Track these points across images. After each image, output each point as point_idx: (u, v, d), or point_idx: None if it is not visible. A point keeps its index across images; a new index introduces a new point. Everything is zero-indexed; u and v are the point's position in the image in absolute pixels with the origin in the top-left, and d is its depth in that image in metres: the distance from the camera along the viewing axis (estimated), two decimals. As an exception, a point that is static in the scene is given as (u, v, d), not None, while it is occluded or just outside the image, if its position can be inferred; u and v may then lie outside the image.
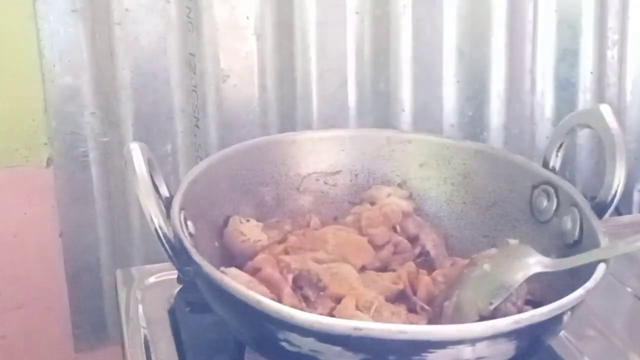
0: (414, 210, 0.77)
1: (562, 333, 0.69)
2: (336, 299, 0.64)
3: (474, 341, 0.53)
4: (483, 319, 0.59)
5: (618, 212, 0.94)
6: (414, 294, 0.67)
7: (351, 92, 0.96)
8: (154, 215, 0.60)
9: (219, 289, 0.57)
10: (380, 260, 0.71)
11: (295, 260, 0.66)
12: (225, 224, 0.72)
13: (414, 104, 0.98)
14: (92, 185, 0.92)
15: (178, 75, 0.91)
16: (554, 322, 0.57)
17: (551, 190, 0.70)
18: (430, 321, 0.64)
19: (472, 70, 0.99)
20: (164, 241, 0.60)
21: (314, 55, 0.93)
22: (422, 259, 0.73)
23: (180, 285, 0.77)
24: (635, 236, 0.59)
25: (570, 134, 0.72)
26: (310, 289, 0.64)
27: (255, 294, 0.55)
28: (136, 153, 0.62)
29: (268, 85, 0.93)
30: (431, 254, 0.73)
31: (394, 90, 0.97)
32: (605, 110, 0.68)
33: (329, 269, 0.66)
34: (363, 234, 0.72)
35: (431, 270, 0.70)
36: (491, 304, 0.60)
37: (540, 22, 1.00)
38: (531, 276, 0.61)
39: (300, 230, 0.73)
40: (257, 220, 0.73)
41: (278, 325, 0.54)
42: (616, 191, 0.66)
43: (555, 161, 0.72)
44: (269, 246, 0.70)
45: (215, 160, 0.73)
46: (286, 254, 0.69)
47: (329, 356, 0.54)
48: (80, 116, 0.90)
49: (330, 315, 0.62)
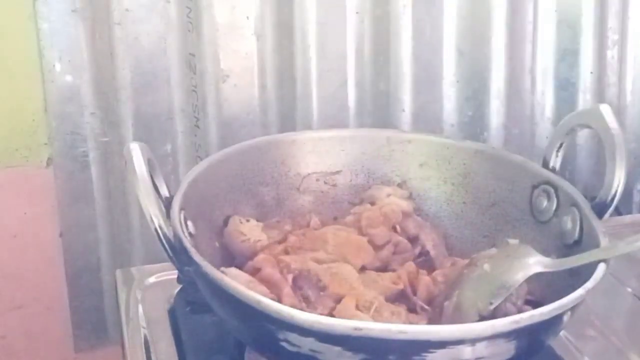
0: (414, 210, 0.77)
1: (562, 333, 0.69)
2: (336, 299, 0.64)
3: (473, 341, 0.53)
4: (483, 319, 0.59)
5: (618, 212, 0.94)
6: (414, 294, 0.67)
7: (351, 92, 0.96)
8: (154, 215, 0.60)
9: (219, 289, 0.57)
10: (380, 260, 0.71)
11: (295, 260, 0.66)
12: (225, 224, 0.72)
13: (414, 104, 0.98)
14: (92, 185, 0.92)
15: (178, 75, 0.91)
16: (554, 322, 0.57)
17: (551, 190, 0.70)
18: (430, 321, 0.64)
19: (472, 70, 0.99)
20: (164, 241, 0.60)
21: (314, 55, 0.93)
22: (422, 259, 0.73)
23: (180, 285, 0.77)
24: (635, 236, 0.59)
25: (570, 134, 0.72)
26: (310, 289, 0.64)
27: (255, 294, 0.55)
28: (136, 153, 0.62)
29: (268, 85, 0.93)
30: (431, 254, 0.73)
31: (394, 90, 0.97)
32: (605, 110, 0.68)
33: (329, 269, 0.66)
34: (363, 234, 0.72)
35: (431, 270, 0.70)
36: (491, 304, 0.60)
37: (540, 22, 0.99)
38: (531, 276, 0.61)
39: (300, 230, 0.73)
40: (257, 220, 0.73)
41: (278, 325, 0.54)
42: (616, 191, 0.66)
43: (555, 161, 0.72)
44: (269, 246, 0.70)
45: (215, 160, 0.73)
46: (286, 254, 0.69)
47: (329, 356, 0.54)
48: (80, 116, 0.90)
49: (330, 315, 0.62)
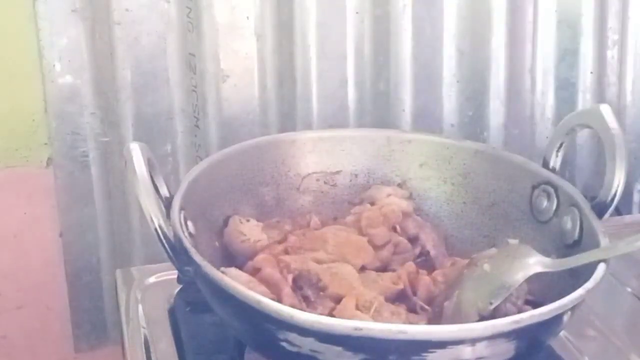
0: (414, 210, 0.77)
1: (562, 333, 0.69)
2: (336, 299, 0.64)
3: (474, 341, 0.53)
4: (483, 319, 0.59)
5: (618, 212, 0.94)
6: (414, 294, 0.67)
7: (351, 92, 0.96)
8: (154, 215, 0.60)
9: (219, 289, 0.57)
10: (380, 260, 0.71)
11: (295, 260, 0.66)
12: (225, 224, 0.72)
13: (414, 104, 0.97)
14: (92, 185, 0.92)
15: (178, 75, 0.91)
16: (554, 322, 0.57)
17: (551, 190, 0.70)
18: (430, 321, 0.64)
19: (472, 70, 0.99)
20: (164, 241, 0.60)
21: (314, 55, 0.93)
22: (422, 259, 0.73)
23: (180, 285, 0.77)
24: (635, 236, 0.59)
25: (570, 134, 0.72)
26: (310, 289, 0.64)
27: (255, 294, 0.55)
28: (136, 153, 0.62)
29: (268, 85, 0.93)
30: (431, 254, 0.73)
31: (394, 90, 0.97)
32: (605, 110, 0.68)
33: (329, 269, 0.66)
34: (363, 234, 0.72)
35: (431, 270, 0.70)
36: (491, 304, 0.60)
37: (540, 22, 0.99)
38: (531, 276, 0.61)
39: (300, 230, 0.73)
40: (257, 220, 0.73)
41: (278, 325, 0.54)
42: (616, 191, 0.66)
43: (555, 161, 0.72)
44: (269, 246, 0.70)
45: (215, 160, 0.73)
46: (286, 254, 0.69)
47: (329, 356, 0.54)
48: (80, 116, 0.90)
49: (330, 315, 0.62)
